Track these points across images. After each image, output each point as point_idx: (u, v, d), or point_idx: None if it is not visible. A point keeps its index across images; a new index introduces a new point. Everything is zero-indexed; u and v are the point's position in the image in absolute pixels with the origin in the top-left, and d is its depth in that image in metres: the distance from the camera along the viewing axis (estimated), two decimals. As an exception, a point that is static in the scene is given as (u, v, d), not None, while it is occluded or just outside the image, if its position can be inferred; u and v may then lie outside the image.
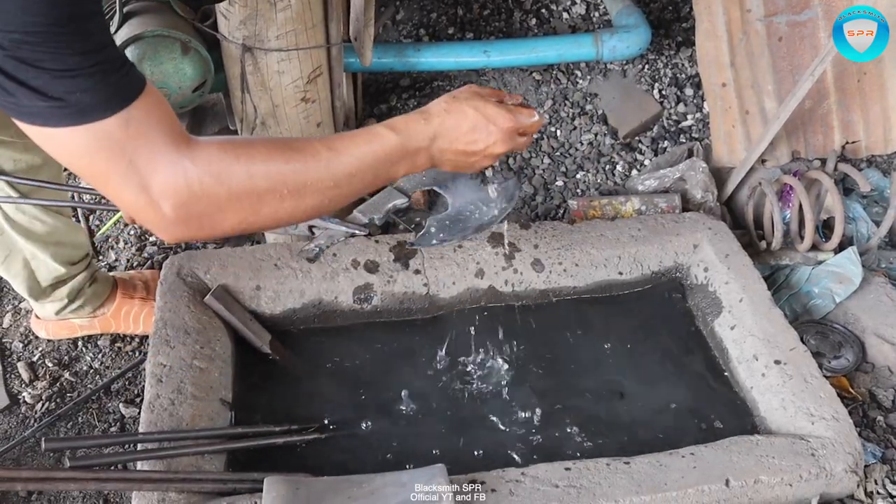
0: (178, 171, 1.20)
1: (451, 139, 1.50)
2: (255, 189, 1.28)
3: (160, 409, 1.82)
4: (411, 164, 1.49)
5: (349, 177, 1.38)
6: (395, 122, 1.46)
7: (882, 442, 2.01)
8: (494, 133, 1.51)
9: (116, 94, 1.15)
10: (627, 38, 2.83)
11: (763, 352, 2.01)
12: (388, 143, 1.42)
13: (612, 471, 1.73)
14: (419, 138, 1.47)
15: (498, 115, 1.51)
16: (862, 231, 2.53)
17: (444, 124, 1.48)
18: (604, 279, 2.27)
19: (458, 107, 1.49)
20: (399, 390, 2.03)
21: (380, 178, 1.46)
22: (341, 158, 1.36)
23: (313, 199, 1.36)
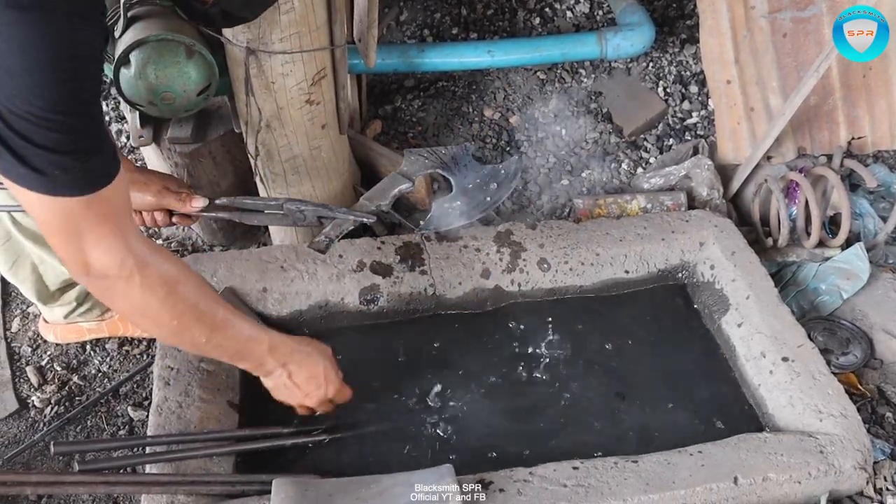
0: (114, 256, 1.36)
1: (295, 373, 1.74)
2: (169, 292, 1.46)
3: (168, 411, 1.82)
4: (255, 366, 1.71)
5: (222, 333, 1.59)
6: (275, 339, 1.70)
7: (891, 438, 2.00)
8: (321, 392, 1.79)
9: (89, 179, 1.28)
10: (631, 37, 2.83)
11: (770, 349, 2.00)
12: (259, 350, 1.67)
13: (620, 469, 1.73)
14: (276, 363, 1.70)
15: (332, 381, 1.80)
16: (869, 227, 2.53)
17: (300, 361, 1.74)
18: (610, 278, 2.27)
19: (317, 359, 1.78)
20: (406, 391, 2.03)
21: (236, 355, 1.68)
22: (231, 320, 1.60)
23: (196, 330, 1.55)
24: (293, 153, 2.27)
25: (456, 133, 2.93)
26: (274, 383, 1.75)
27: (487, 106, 2.99)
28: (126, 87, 2.05)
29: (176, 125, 2.41)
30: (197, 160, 2.43)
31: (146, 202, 1.88)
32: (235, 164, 2.50)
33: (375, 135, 2.89)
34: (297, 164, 2.30)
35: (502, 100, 3.01)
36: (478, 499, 1.65)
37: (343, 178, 2.47)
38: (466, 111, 2.98)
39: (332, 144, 2.35)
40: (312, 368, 1.75)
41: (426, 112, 2.99)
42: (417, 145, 2.88)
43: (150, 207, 1.90)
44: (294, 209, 1.93)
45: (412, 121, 2.98)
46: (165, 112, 2.14)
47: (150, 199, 1.88)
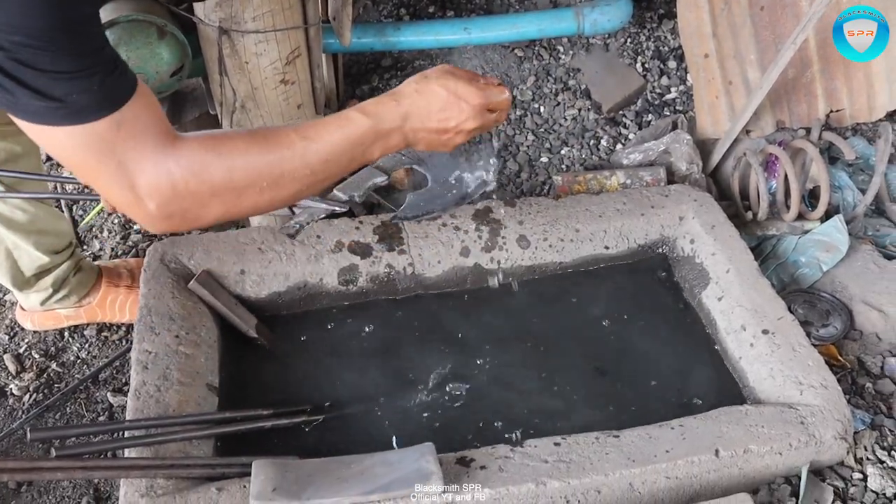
0: (163, 172, 1.27)
1: (422, 118, 1.52)
2: (236, 184, 1.34)
3: (146, 395, 1.81)
4: (385, 145, 1.51)
5: (324, 163, 1.42)
6: (366, 106, 1.48)
7: (871, 408, 2.01)
8: (465, 110, 1.53)
9: (110, 97, 1.22)
10: (608, 12, 2.82)
11: (751, 322, 2.00)
12: (361, 126, 1.45)
13: (602, 444, 1.73)
14: (391, 120, 1.49)
15: (467, 92, 1.52)
16: (848, 199, 2.53)
17: (415, 104, 1.50)
18: (590, 254, 2.26)
19: (429, 86, 1.51)
20: (386, 371, 2.03)
21: (355, 161, 1.50)
22: (315, 146, 1.40)
23: (291, 188, 1.42)
24: (269, 134, 2.25)
25: (434, 112, 2.91)
26: (424, 144, 1.57)
27: (465, 84, 2.97)
28: (97, 68, 2.02)
29: (150, 107, 2.39)
30: (172, 143, 2.40)
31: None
32: (211, 146, 2.48)
33: (353, 115, 2.87)
34: (274, 145, 2.28)
35: (480, 78, 2.99)
36: (459, 476, 1.65)
37: (320, 158, 2.45)
38: (444, 90, 2.96)
39: (309, 125, 2.33)
40: (434, 99, 1.51)
41: (404, 91, 2.97)
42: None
43: None
44: None
45: (390, 100, 2.96)
46: (138, 94, 2.11)
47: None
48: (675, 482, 1.71)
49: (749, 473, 1.75)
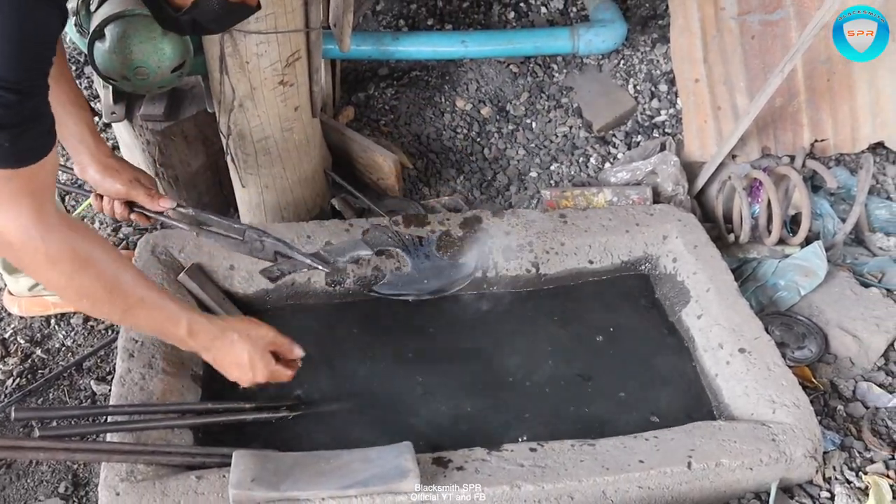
0: (22, 234, 1.39)
1: (217, 360, 1.75)
2: (72, 283, 1.48)
3: (131, 383, 1.83)
4: (181, 346, 1.72)
5: (140, 311, 1.60)
6: (195, 322, 1.68)
7: (841, 430, 2.05)
8: (248, 377, 1.77)
9: (16, 156, 1.32)
10: (603, 33, 2.88)
11: (728, 340, 2.04)
12: (178, 326, 1.65)
13: (577, 452, 1.76)
14: (199, 342, 1.70)
15: (259, 370, 1.76)
16: (828, 227, 2.58)
17: (221, 350, 1.73)
18: (574, 267, 2.30)
19: (242, 347, 1.74)
20: (370, 370, 2.05)
21: (157, 333, 1.72)
22: (149, 297, 1.60)
23: (107, 307, 1.58)
24: (265, 134, 2.28)
25: (428, 122, 2.95)
26: (207, 360, 1.78)
27: (460, 97, 3.01)
28: (100, 60, 2.05)
29: (149, 102, 2.42)
30: (169, 138, 2.43)
31: (115, 190, 1.90)
32: (207, 144, 2.51)
33: (348, 121, 2.91)
34: (269, 146, 2.31)
35: (474, 91, 3.03)
36: (436, 475, 1.68)
37: (314, 161, 2.48)
38: (439, 101, 3.01)
39: (305, 127, 2.36)
40: (235, 356, 1.74)
41: (399, 101, 3.01)
42: (389, 133, 2.91)
43: (119, 196, 1.92)
44: (254, 237, 2.01)
45: (385, 108, 3.00)
46: (139, 87, 2.14)
47: (118, 188, 1.89)
48: (647, 492, 1.74)
49: (720, 487, 1.79)
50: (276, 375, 1.80)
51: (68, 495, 1.97)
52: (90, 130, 1.85)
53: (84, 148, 1.86)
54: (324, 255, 2.07)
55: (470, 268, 2.06)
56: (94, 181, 1.90)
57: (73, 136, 1.84)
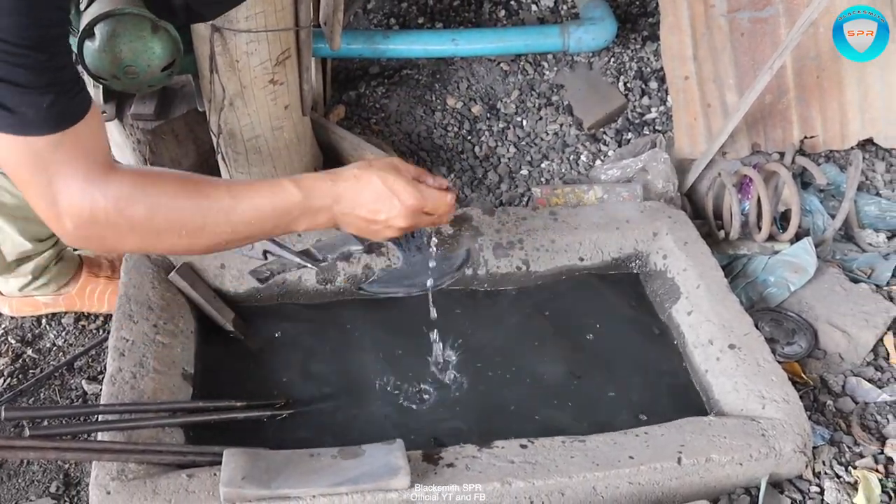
0: (87, 199, 1.33)
1: (353, 205, 1.54)
2: (156, 226, 1.40)
3: (122, 381, 1.83)
4: (312, 221, 1.55)
5: (247, 225, 1.48)
6: (302, 179, 1.52)
7: (831, 425, 2.06)
8: (397, 207, 1.55)
9: (57, 117, 1.26)
10: (594, 30, 2.89)
11: (718, 336, 2.05)
12: (290, 198, 1.49)
13: (568, 448, 1.77)
14: (322, 198, 1.52)
15: (404, 192, 1.55)
16: (818, 223, 2.59)
17: (349, 189, 1.53)
18: (564, 264, 2.31)
19: (368, 176, 1.54)
20: (361, 369, 2.06)
21: (278, 228, 1.54)
22: (241, 207, 1.45)
23: (210, 240, 1.48)
24: (255, 132, 2.28)
25: (419, 121, 2.95)
26: (353, 226, 1.59)
27: (450, 95, 3.02)
28: (90, 59, 2.05)
29: (139, 101, 2.42)
30: (159, 137, 2.44)
31: None
32: (198, 143, 2.51)
33: (339, 120, 2.91)
34: (259, 144, 2.31)
35: (465, 89, 3.04)
36: (426, 472, 1.69)
37: (305, 160, 2.49)
38: (429, 99, 3.01)
39: (295, 125, 2.36)
40: (369, 189, 1.53)
41: (389, 99, 3.01)
42: (380, 132, 2.91)
43: None
44: None
45: (375, 107, 3.00)
46: (129, 86, 2.14)
47: None
48: (637, 488, 1.75)
49: (710, 482, 1.79)
50: (429, 198, 1.58)
51: (59, 495, 1.97)
52: None
53: None
54: (313, 253, 2.07)
55: (461, 260, 2.04)
56: None
57: None
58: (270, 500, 1.62)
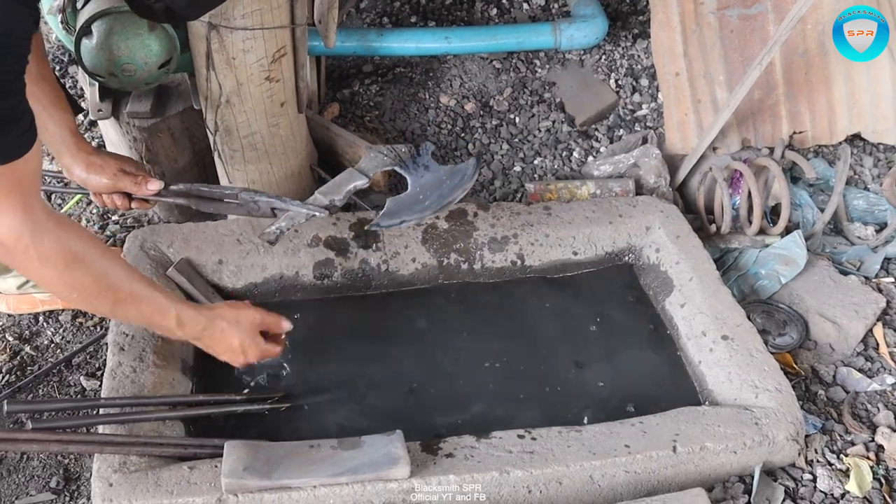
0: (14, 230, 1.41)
1: (208, 346, 1.81)
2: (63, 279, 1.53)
3: (122, 376, 1.85)
4: (170, 336, 1.77)
5: (124, 318, 1.78)
6: (184, 310, 1.72)
7: (823, 414, 2.09)
8: (240, 360, 1.85)
9: (2, 151, 1.34)
10: (585, 28, 2.91)
11: (711, 328, 2.08)
12: (167, 323, 1.70)
13: (565, 438, 1.79)
14: (188, 330, 1.73)
15: (251, 352, 1.83)
16: (808, 217, 2.63)
17: (211, 337, 1.78)
18: (559, 258, 2.33)
19: (232, 333, 1.79)
20: (359, 362, 2.08)
21: (147, 323, 1.76)
22: (136, 289, 1.64)
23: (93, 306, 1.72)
24: (252, 130, 2.29)
25: (412, 118, 2.97)
26: (199, 346, 1.84)
27: (444, 93, 3.04)
28: (87, 57, 2.06)
29: (135, 99, 2.43)
30: (155, 135, 2.45)
31: (102, 184, 1.93)
32: (194, 140, 2.52)
33: (333, 118, 2.93)
34: (256, 141, 2.33)
35: (458, 87, 3.06)
36: (426, 462, 1.71)
37: (300, 157, 2.50)
38: (423, 97, 3.03)
39: (291, 123, 2.38)
40: (227, 343, 1.79)
41: (383, 97, 3.03)
42: (374, 129, 2.93)
43: (107, 190, 1.95)
44: (248, 199, 2.01)
45: (370, 105, 3.02)
46: (126, 84, 2.15)
47: (105, 182, 1.93)
48: (633, 476, 1.78)
49: (705, 471, 1.82)
50: (266, 353, 1.87)
51: (60, 489, 1.98)
52: (70, 131, 1.89)
53: (65, 149, 1.90)
54: (320, 199, 2.04)
55: (472, 168, 2.03)
56: (81, 180, 1.93)
57: (54, 138, 1.88)
58: (272, 490, 1.64)
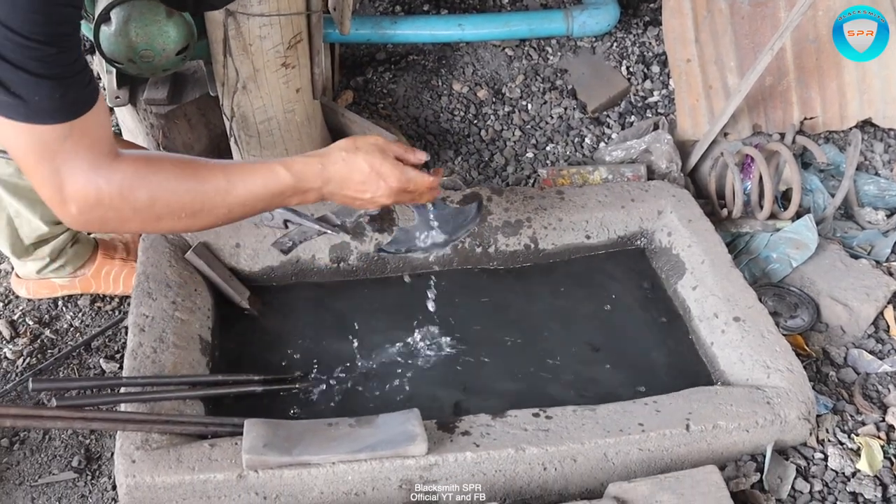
0: (91, 186, 1.38)
1: (341, 185, 1.63)
2: (157, 210, 1.47)
3: (143, 356, 1.87)
4: (302, 199, 1.64)
5: (242, 206, 1.56)
6: (293, 163, 1.59)
7: (834, 395, 2.11)
8: (383, 188, 1.65)
9: (67, 108, 1.31)
10: (597, 15, 2.93)
11: (723, 310, 2.10)
12: (283, 181, 1.57)
13: (579, 416, 1.82)
14: (312, 181, 1.60)
15: (390, 174, 1.64)
16: (818, 202, 2.64)
17: (338, 172, 1.61)
18: (571, 242, 2.35)
19: (355, 158, 1.62)
20: (374, 343, 2.10)
21: (271, 206, 1.64)
22: (237, 190, 1.52)
23: (208, 220, 1.56)
24: (268, 115, 2.32)
25: (425, 105, 3.00)
26: (338, 201, 1.69)
27: (456, 80, 3.06)
28: (106, 44, 2.09)
29: (152, 86, 2.46)
30: (172, 122, 2.48)
31: None
32: (210, 127, 2.55)
33: (347, 105, 2.95)
34: (272, 127, 2.36)
35: (471, 74, 3.08)
36: (442, 440, 1.73)
37: (315, 143, 2.53)
38: (436, 84, 3.06)
39: (306, 108, 2.41)
40: (358, 170, 1.61)
41: (396, 84, 3.06)
42: (387, 116, 2.95)
43: None
44: None
45: (383, 92, 3.04)
46: (144, 70, 2.18)
47: None
48: (647, 454, 1.80)
49: (717, 449, 1.84)
50: (412, 179, 1.67)
51: (81, 469, 2.02)
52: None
53: None
54: (331, 218, 2.08)
55: (474, 211, 2.07)
56: None
57: None
58: (292, 466, 1.66)
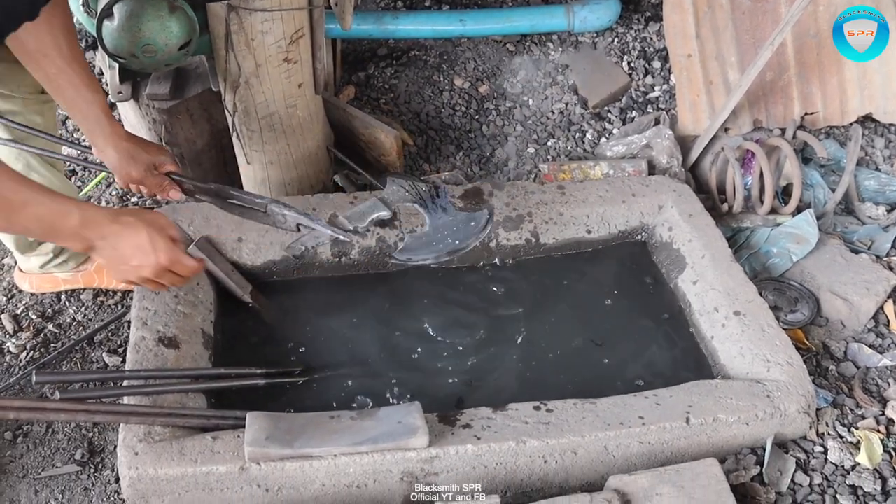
0: None
1: (115, 244, 1.61)
2: None
3: (145, 350, 1.89)
4: (73, 243, 1.61)
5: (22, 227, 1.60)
6: (87, 209, 1.60)
7: (833, 389, 2.11)
8: (151, 261, 1.63)
9: None
10: (598, 10, 2.94)
11: (723, 304, 2.11)
12: (69, 222, 1.54)
13: (580, 409, 1.83)
14: (93, 230, 1.58)
15: (163, 250, 1.63)
16: (819, 197, 2.64)
17: (118, 232, 1.60)
18: (573, 237, 2.36)
19: (138, 225, 1.61)
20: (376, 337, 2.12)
21: (44, 236, 1.71)
22: (26, 212, 1.50)
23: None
24: (270, 110, 2.33)
25: (427, 101, 3.00)
26: (104, 259, 1.65)
27: (458, 75, 3.07)
28: (108, 39, 2.09)
29: (154, 82, 2.46)
30: (174, 117, 2.48)
31: (130, 177, 1.97)
32: (212, 122, 2.55)
33: (349, 100, 2.96)
34: (274, 122, 2.36)
35: (472, 70, 3.09)
36: (444, 433, 1.74)
37: (317, 137, 2.53)
38: (437, 80, 3.06)
39: (308, 103, 2.41)
40: (135, 238, 1.61)
41: (398, 80, 3.06)
42: (389, 111, 2.96)
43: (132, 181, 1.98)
44: (277, 211, 2.04)
45: (384, 87, 3.05)
46: (147, 65, 2.18)
47: (134, 176, 1.96)
48: (647, 447, 1.81)
49: (717, 442, 1.85)
50: (179, 261, 1.68)
51: (84, 462, 2.03)
52: (104, 112, 1.91)
53: (99, 130, 1.92)
54: (343, 223, 2.10)
55: (486, 219, 2.08)
56: (111, 165, 1.97)
57: (87, 119, 1.91)
58: (294, 458, 1.67)
